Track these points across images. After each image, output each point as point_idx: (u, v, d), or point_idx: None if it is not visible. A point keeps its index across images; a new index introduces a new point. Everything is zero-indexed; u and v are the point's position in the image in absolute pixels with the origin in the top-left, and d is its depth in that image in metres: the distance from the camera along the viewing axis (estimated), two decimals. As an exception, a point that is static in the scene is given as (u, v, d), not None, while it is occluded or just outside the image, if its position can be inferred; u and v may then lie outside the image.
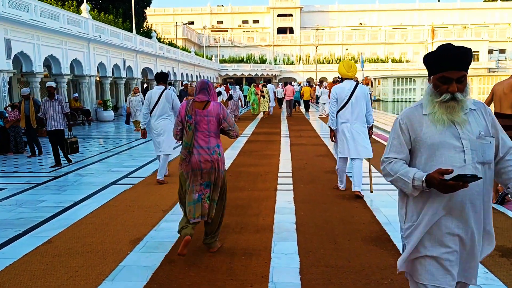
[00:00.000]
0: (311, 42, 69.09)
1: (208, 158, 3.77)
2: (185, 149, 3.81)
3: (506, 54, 68.30)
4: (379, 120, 17.36)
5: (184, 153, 3.81)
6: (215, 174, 3.84)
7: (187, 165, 3.80)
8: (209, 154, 3.78)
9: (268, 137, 13.05)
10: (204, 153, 3.77)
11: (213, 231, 3.96)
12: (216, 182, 3.86)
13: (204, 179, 3.80)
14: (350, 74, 5.84)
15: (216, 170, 3.83)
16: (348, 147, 5.86)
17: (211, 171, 3.80)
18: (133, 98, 14.37)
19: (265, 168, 7.97)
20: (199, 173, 3.79)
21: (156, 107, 6.81)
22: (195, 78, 43.54)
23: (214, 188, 3.86)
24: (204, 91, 3.87)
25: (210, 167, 3.79)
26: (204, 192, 3.82)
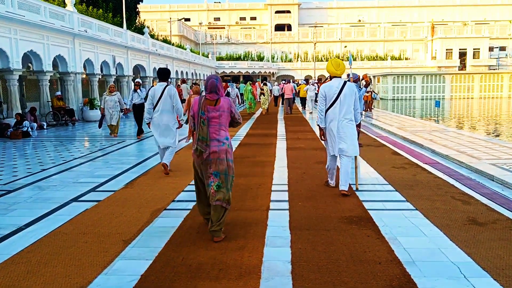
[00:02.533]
0: (309, 39, 68.01)
1: (217, 149, 4.17)
2: (202, 142, 4.14)
3: (507, 51, 67.31)
4: (382, 120, 16.25)
5: (202, 147, 4.13)
6: (223, 164, 4.20)
7: (198, 156, 4.18)
8: (218, 146, 4.18)
9: (263, 139, 11.94)
10: (214, 145, 4.17)
11: (219, 219, 4.20)
12: (225, 171, 4.22)
13: (213, 168, 4.19)
14: (338, 72, 5.87)
15: (225, 160, 4.21)
16: (336, 144, 5.88)
17: (220, 161, 4.18)
18: (109, 98, 12.41)
19: (257, 180, 6.86)
20: (209, 163, 4.20)
21: (159, 103, 7.21)
22: (190, 75, 42.39)
23: (223, 177, 4.21)
24: (214, 92, 4.22)
25: (217, 157, 4.17)
26: (214, 180, 4.19)
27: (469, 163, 7.47)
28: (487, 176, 6.69)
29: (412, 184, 6.38)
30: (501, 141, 10.34)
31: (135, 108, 12.31)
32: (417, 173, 7.18)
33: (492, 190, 6.00)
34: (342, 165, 5.89)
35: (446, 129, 13.14)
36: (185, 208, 5.36)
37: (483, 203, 5.36)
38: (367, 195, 5.83)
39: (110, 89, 12.69)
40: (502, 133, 17.24)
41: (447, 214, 4.91)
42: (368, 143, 10.72)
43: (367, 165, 7.95)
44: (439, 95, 46.18)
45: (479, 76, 48.03)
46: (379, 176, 6.95)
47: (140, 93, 12.17)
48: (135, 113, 12.56)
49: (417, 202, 5.42)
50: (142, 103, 12.13)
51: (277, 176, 7.11)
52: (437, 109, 24.97)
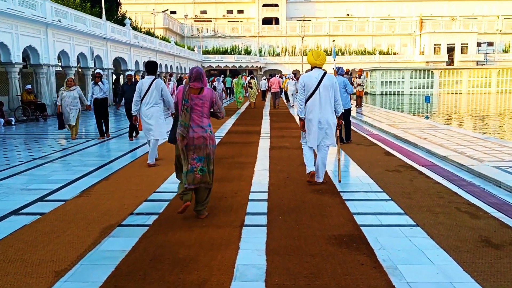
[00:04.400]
0: (297, 33, 67.17)
1: (201, 135, 4.44)
2: (184, 128, 4.37)
3: (494, 47, 67.23)
4: (372, 117, 15.50)
5: (183, 131, 4.37)
6: (207, 149, 4.50)
7: (182, 141, 4.39)
8: (203, 132, 4.45)
9: (245, 137, 11.08)
10: (198, 131, 4.44)
11: (204, 199, 4.61)
12: (208, 155, 4.52)
13: (197, 153, 4.46)
14: (318, 62, 5.81)
15: (208, 145, 4.49)
16: (314, 136, 5.83)
17: (203, 147, 4.46)
18: (67, 94, 10.55)
19: (234, 186, 6.01)
20: (192, 148, 4.45)
21: (147, 96, 7.27)
22: (175, 69, 41.29)
23: (206, 161, 4.50)
24: (199, 80, 4.48)
25: (202, 143, 4.45)
26: (197, 166, 4.47)
27: (471, 166, 6.71)
28: (493, 182, 5.93)
29: (410, 192, 5.59)
30: (501, 140, 9.64)
31: (96, 104, 10.73)
32: (414, 177, 6.40)
33: (501, 199, 5.24)
34: (320, 157, 5.89)
35: (439, 126, 12.41)
36: (143, 223, 4.49)
37: (494, 216, 4.58)
38: (359, 206, 5.02)
39: (68, 83, 10.72)
40: (497, 130, 16.63)
41: (454, 232, 4.12)
42: (358, 142, 9.93)
43: (358, 167, 7.15)
44: (427, 90, 45.75)
45: (467, 71, 47.72)
46: (371, 182, 6.16)
47: (102, 86, 10.62)
48: (96, 110, 10.83)
49: (417, 216, 4.62)
50: (104, 98, 10.77)
51: (256, 181, 6.26)
52: (427, 104, 24.36)
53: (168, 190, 5.85)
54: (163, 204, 5.16)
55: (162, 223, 4.50)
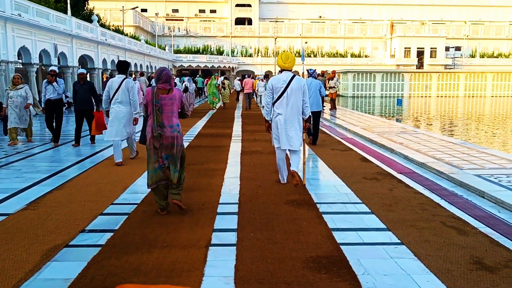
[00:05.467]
0: (270, 34, 66.99)
1: (170, 135, 4.59)
2: (160, 127, 4.54)
3: (462, 52, 68.83)
4: (346, 120, 15.22)
5: (162, 130, 4.55)
6: (175, 149, 4.65)
7: (153, 140, 4.58)
8: (171, 132, 4.60)
9: (215, 141, 10.55)
10: (167, 131, 4.58)
11: (178, 187, 4.76)
12: (175, 154, 4.66)
13: (165, 152, 4.63)
14: (286, 65, 5.81)
15: (176, 145, 4.64)
16: (282, 138, 5.82)
17: (171, 146, 4.62)
18: (13, 93, 9.43)
19: (201, 196, 5.49)
20: (161, 147, 4.61)
21: (116, 95, 7.28)
22: (145, 68, 40.29)
23: (173, 159, 4.65)
24: (168, 83, 4.63)
25: (170, 142, 4.61)
26: (164, 163, 4.64)
27: (451, 174, 6.40)
28: (476, 192, 5.61)
29: (391, 203, 5.20)
30: (477, 146, 9.44)
31: (49, 105, 9.47)
32: (394, 186, 6.03)
33: (487, 212, 4.91)
34: (292, 157, 5.87)
35: (415, 130, 12.21)
36: (94, 243, 3.92)
37: (482, 232, 4.23)
38: (338, 220, 4.59)
39: (15, 82, 9.53)
40: (471, 135, 16.65)
41: (443, 252, 3.73)
42: (333, 147, 9.55)
43: (334, 175, 6.74)
44: (398, 93, 46.25)
45: (436, 75, 48.51)
46: (349, 191, 5.75)
47: (56, 86, 9.40)
48: (48, 112, 9.54)
49: (401, 232, 4.22)
50: (58, 99, 9.52)
51: (226, 191, 5.76)
52: (399, 107, 24.40)
53: (128, 201, 5.28)
54: (120, 219, 4.59)
55: (116, 243, 3.94)
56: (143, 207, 5.05)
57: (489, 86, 48.06)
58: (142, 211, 4.88)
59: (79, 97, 9.17)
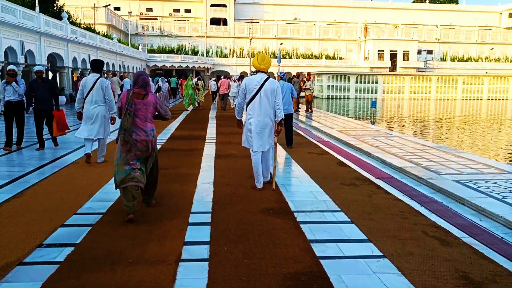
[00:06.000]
0: (245, 35, 66.83)
1: (144, 139, 4.62)
2: (126, 132, 4.53)
3: (433, 55, 70.24)
4: (322, 122, 15.09)
5: (126, 136, 4.53)
6: (148, 152, 4.71)
7: (125, 144, 4.57)
8: (145, 136, 4.63)
9: (188, 144, 10.21)
10: (141, 135, 4.60)
11: (150, 192, 4.95)
12: (147, 158, 4.75)
13: (138, 155, 4.64)
14: (262, 66, 5.78)
15: (149, 148, 4.70)
16: (254, 140, 5.78)
17: (145, 150, 4.66)
18: None
19: (172, 205, 5.16)
20: (134, 151, 4.60)
21: (90, 94, 7.18)
22: (117, 68, 39.39)
23: (145, 162, 4.74)
24: (144, 88, 4.65)
25: (144, 146, 4.63)
26: (136, 166, 4.61)
27: (430, 180, 6.27)
28: (456, 199, 5.48)
29: (370, 211, 5.00)
30: (454, 150, 9.40)
31: (9, 108, 8.72)
32: (372, 192, 5.85)
33: (468, 220, 4.77)
34: (264, 159, 5.91)
35: (390, 133, 12.15)
36: (52, 260, 3.57)
37: (466, 243, 4.07)
38: (316, 230, 4.35)
39: None
40: (444, 138, 16.79)
41: (427, 266, 3.54)
42: (310, 150, 9.36)
43: (311, 180, 6.52)
44: (372, 95, 46.73)
45: (409, 77, 49.26)
46: (327, 198, 5.53)
47: (16, 87, 8.67)
48: (7, 115, 8.80)
49: (382, 243, 4.02)
50: (19, 101, 8.76)
51: (199, 199, 5.45)
52: (373, 109, 24.52)
53: (92, 210, 4.92)
54: (82, 231, 4.23)
55: (77, 259, 3.60)
56: (109, 217, 4.70)
57: (459, 89, 49.11)
58: (108, 222, 4.53)
59: (39, 97, 8.59)
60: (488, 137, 17.78)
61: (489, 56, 71.48)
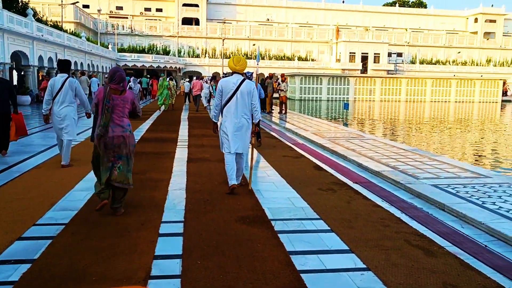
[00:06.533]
0: (218, 35, 66.41)
1: (121, 134, 4.61)
2: (104, 128, 4.50)
3: (403, 58, 71.56)
4: (296, 124, 14.94)
5: (102, 131, 4.50)
6: (126, 148, 4.68)
7: (101, 140, 4.54)
8: (122, 132, 4.62)
9: (159, 146, 9.84)
10: (118, 131, 4.60)
11: (120, 198, 4.69)
12: (126, 154, 4.69)
13: (116, 152, 4.62)
14: (237, 68, 5.72)
15: (127, 144, 4.68)
16: (230, 142, 5.71)
17: (122, 145, 4.64)
18: None
19: (141, 213, 4.83)
20: (112, 147, 4.59)
21: (59, 95, 7.03)
22: (86, 67, 38.33)
23: (125, 160, 4.68)
24: (121, 84, 4.65)
25: (121, 142, 4.62)
26: (116, 163, 4.63)
27: (408, 184, 6.15)
28: (436, 204, 5.37)
29: (350, 219, 4.81)
30: (429, 153, 9.38)
31: None
32: (351, 198, 5.67)
33: (449, 227, 4.64)
34: (237, 162, 5.85)
35: (365, 136, 12.08)
36: (4, 280, 3.20)
37: (450, 253, 3.92)
38: (295, 240, 4.12)
39: None
40: (417, 140, 16.92)
41: (413, 279, 3.36)
42: (285, 153, 9.15)
43: (288, 185, 6.30)
44: (343, 97, 47.14)
45: (380, 79, 49.95)
46: (305, 205, 5.32)
47: None
48: None
49: (365, 254, 3.82)
50: None
51: (170, 207, 5.14)
52: (346, 111, 24.60)
53: (54, 220, 4.54)
54: (42, 244, 3.87)
55: (34, 278, 3.24)
56: (73, 228, 4.34)
57: (428, 92, 50.13)
58: (70, 234, 4.17)
59: None
60: (458, 139, 18.05)
61: (456, 59, 73.39)
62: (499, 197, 5.54)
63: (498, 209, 5.01)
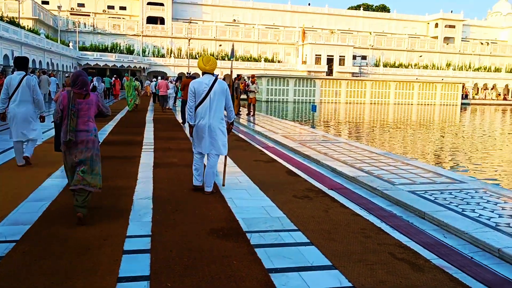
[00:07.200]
0: (184, 35, 65.56)
1: (85, 139, 4.54)
2: (72, 132, 4.45)
3: (367, 61, 72.84)
4: (265, 126, 14.68)
5: (72, 136, 4.45)
6: (90, 152, 4.57)
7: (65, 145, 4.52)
8: (87, 136, 4.55)
9: (124, 150, 9.33)
10: (83, 135, 4.53)
11: (83, 201, 4.46)
12: (91, 157, 4.58)
13: (80, 156, 4.52)
14: (207, 68, 5.65)
15: (91, 148, 4.58)
16: (205, 143, 5.65)
17: (86, 150, 4.55)
18: None
19: (104, 227, 4.39)
20: (75, 152, 4.53)
21: (16, 93, 6.80)
22: (45, 65, 36.84)
23: (89, 163, 4.56)
24: (83, 88, 4.56)
25: (85, 146, 4.54)
26: (80, 167, 4.52)
27: (385, 191, 5.96)
28: (415, 212, 5.18)
29: (330, 230, 4.54)
30: (401, 157, 9.29)
31: None
32: (328, 207, 5.41)
33: (432, 237, 4.45)
34: (209, 165, 5.69)
35: (336, 139, 11.94)
36: None
37: (437, 266, 3.70)
38: (274, 256, 3.81)
39: None
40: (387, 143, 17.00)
41: (404, 299, 3.10)
42: (256, 158, 8.84)
43: (262, 193, 5.98)
44: (310, 99, 47.40)
45: (345, 82, 50.57)
46: (281, 215, 5.01)
47: None
48: None
49: (350, 270, 3.55)
50: None
51: (135, 218, 4.72)
52: (313, 113, 24.59)
53: (4, 237, 4.04)
54: (-13, 268, 3.38)
55: (-26, 310, 2.78)
56: (24, 246, 3.86)
57: (392, 94, 51.13)
58: (21, 253, 3.70)
59: None
60: (427, 142, 18.29)
61: (418, 63, 75.35)
62: (477, 204, 5.42)
63: (479, 217, 4.88)
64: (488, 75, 76.97)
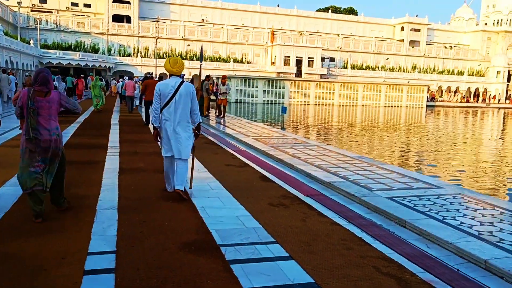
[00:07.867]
0: (151, 34, 64.38)
1: (48, 138, 4.43)
2: (32, 131, 4.37)
3: (336, 62, 73.64)
4: (236, 129, 14.35)
5: (35, 133, 4.37)
6: (52, 152, 4.50)
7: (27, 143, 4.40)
8: (49, 135, 4.44)
9: (87, 154, 8.81)
10: (45, 134, 4.42)
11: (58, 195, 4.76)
12: (52, 158, 4.52)
13: (42, 155, 4.45)
14: (174, 70, 5.56)
15: (53, 148, 4.49)
16: (171, 146, 5.54)
17: (49, 149, 4.46)
18: None
19: (62, 242, 3.97)
20: (37, 151, 4.43)
21: None
22: (4, 63, 35.26)
23: (50, 163, 4.52)
24: (45, 85, 4.47)
25: (48, 146, 4.44)
26: (40, 167, 4.45)
27: (363, 197, 5.77)
28: (396, 220, 4.99)
29: (309, 241, 4.28)
30: (376, 161, 9.17)
31: None
32: (306, 215, 5.16)
33: (415, 247, 4.26)
34: (179, 168, 5.55)
35: (308, 142, 11.75)
36: None
37: (425, 281, 3.50)
38: (251, 273, 3.51)
39: None
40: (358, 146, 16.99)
41: (395, 321, 2.86)
42: (228, 162, 8.51)
43: (235, 201, 5.66)
44: (279, 100, 47.39)
45: (314, 83, 50.85)
46: (257, 225, 4.72)
47: None
48: None
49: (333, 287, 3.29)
50: None
51: (99, 232, 4.31)
52: (283, 115, 24.45)
53: None
54: None
55: None
56: (-31, 266, 3.41)
57: (360, 96, 51.78)
58: None
59: None
60: (393, 144, 18.41)
61: (385, 65, 76.75)
62: (457, 211, 5.29)
63: (460, 225, 4.73)
64: (451, 78, 79.20)
